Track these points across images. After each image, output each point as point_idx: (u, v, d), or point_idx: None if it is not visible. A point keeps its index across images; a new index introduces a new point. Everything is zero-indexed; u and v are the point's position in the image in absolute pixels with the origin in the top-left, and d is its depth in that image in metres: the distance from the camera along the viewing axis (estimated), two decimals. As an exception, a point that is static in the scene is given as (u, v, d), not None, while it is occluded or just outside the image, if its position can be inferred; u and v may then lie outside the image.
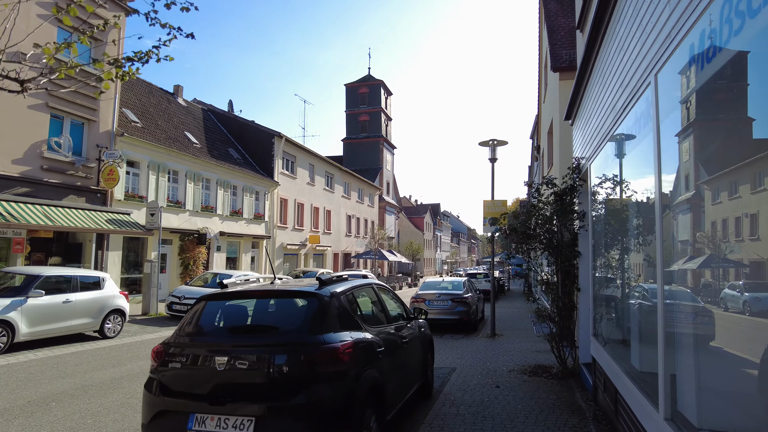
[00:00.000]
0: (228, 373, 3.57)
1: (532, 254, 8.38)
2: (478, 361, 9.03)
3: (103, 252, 16.48)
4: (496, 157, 12.99)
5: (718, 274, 2.55)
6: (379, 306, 5.12)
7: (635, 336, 4.16)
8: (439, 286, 14.53)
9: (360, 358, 3.93)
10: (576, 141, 7.98)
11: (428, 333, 6.65)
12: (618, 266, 5.09)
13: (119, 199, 17.28)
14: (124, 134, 17.21)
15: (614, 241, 5.29)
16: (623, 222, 4.80)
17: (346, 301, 4.28)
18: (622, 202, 4.90)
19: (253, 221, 25.79)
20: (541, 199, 8.13)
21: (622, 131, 4.51)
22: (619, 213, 5.08)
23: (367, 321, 4.62)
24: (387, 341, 4.73)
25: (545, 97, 17.27)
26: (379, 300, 5.13)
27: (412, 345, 5.69)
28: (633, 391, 3.82)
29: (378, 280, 26.94)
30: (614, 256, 5.22)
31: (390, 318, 5.20)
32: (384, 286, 5.64)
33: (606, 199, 5.73)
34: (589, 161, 6.32)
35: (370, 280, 5.32)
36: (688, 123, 2.91)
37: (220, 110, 30.42)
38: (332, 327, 3.87)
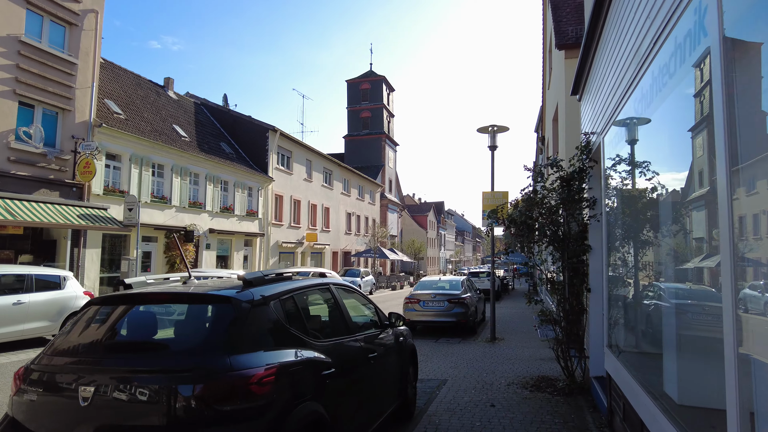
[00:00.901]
0: (92, 410, 2.52)
1: (536, 249, 7.27)
2: (474, 372, 7.93)
3: (79, 249, 15.52)
4: (496, 145, 11.89)
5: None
6: (338, 312, 4.04)
7: (672, 355, 3.05)
8: (436, 285, 13.44)
9: (290, 388, 2.87)
10: (585, 116, 6.87)
11: (410, 342, 5.57)
12: (643, 263, 3.98)
13: (97, 193, 16.30)
14: (102, 125, 16.24)
15: (638, 232, 4.18)
16: (651, 206, 3.70)
17: (281, 308, 3.21)
18: (649, 179, 3.80)
19: (246, 218, 24.79)
20: (545, 185, 7.02)
21: (646, 84, 3.40)
22: (643, 196, 3.98)
23: (317, 333, 3.55)
24: (344, 358, 3.66)
25: (549, 83, 16.14)
26: (338, 305, 4.05)
27: (384, 359, 4.62)
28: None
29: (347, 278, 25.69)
30: (638, 251, 4.11)
31: (353, 327, 4.12)
32: (349, 287, 4.56)
33: (625, 179, 4.62)
34: (602, 134, 5.21)
35: (328, 279, 4.23)
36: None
37: (213, 104, 29.45)
38: (251, 344, 2.81)
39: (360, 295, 4.82)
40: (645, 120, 3.70)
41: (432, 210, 75.57)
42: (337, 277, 4.83)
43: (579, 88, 7.18)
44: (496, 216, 8.48)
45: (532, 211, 6.86)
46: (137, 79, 23.24)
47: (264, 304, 3.06)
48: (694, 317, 2.81)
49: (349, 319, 4.08)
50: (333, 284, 4.13)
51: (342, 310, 4.04)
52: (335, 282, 4.19)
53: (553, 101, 14.13)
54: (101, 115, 17.29)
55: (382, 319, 4.94)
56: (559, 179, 6.78)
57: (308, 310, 3.76)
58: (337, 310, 4.03)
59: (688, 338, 2.85)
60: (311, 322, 3.66)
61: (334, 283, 4.17)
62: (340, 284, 4.31)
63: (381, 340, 4.66)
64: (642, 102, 3.52)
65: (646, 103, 3.42)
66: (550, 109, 15.84)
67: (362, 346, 4.13)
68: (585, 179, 6.47)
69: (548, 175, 7.05)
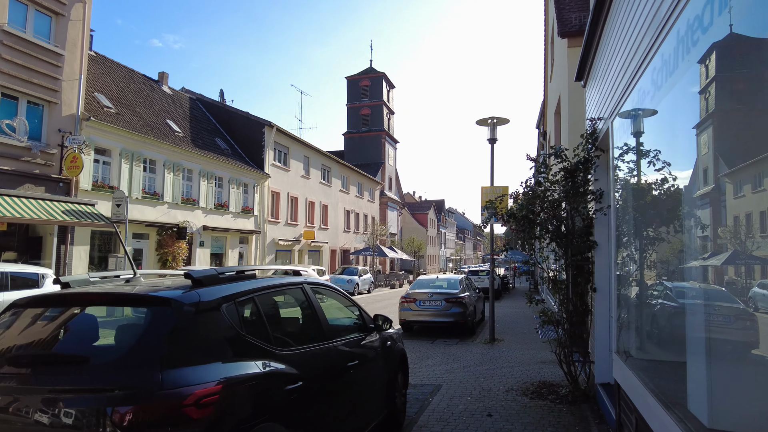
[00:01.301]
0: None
1: (537, 246, 6.78)
2: (471, 376, 7.45)
3: (66, 247, 15.06)
4: (495, 138, 11.39)
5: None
6: (312, 316, 3.56)
7: (699, 366, 2.57)
8: (433, 284, 12.95)
9: (241, 408, 2.40)
10: (590, 102, 6.37)
11: (399, 347, 5.09)
12: (661, 260, 3.49)
13: (86, 189, 15.83)
14: (90, 118, 15.75)
15: (654, 225, 3.69)
16: (672, 196, 3.21)
17: (236, 312, 2.73)
18: (669, 165, 3.31)
19: (241, 215, 24.31)
20: (547, 177, 6.53)
21: (668, 48, 2.91)
22: (661, 185, 3.49)
23: (283, 340, 3.08)
24: (316, 368, 3.19)
25: (551, 75, 15.64)
26: (312, 307, 3.56)
27: (368, 366, 4.14)
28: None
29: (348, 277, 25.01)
30: (654, 246, 3.62)
31: (330, 332, 3.64)
32: (328, 287, 4.08)
33: (638, 167, 4.13)
34: (611, 117, 4.71)
35: (302, 278, 3.74)
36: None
37: (209, 99, 28.97)
38: (194, 356, 2.34)
39: (341, 296, 4.33)
40: (665, 93, 3.21)
41: (432, 208, 75.06)
42: (315, 276, 4.35)
43: (584, 73, 6.69)
44: (495, 209, 7.96)
45: (533, 204, 6.37)
46: (130, 74, 22.76)
47: (214, 308, 2.58)
48: (728, 320, 2.33)
49: (325, 323, 3.60)
50: (307, 284, 3.64)
51: (317, 312, 3.55)
52: (310, 281, 3.70)
53: (555, 93, 13.64)
54: (90, 108, 16.81)
55: (366, 321, 4.45)
56: (562, 170, 6.30)
57: (274, 314, 3.29)
58: (311, 313, 3.55)
59: (722, 346, 2.37)
60: (276, 327, 3.18)
61: (309, 282, 3.68)
62: (317, 283, 3.83)
63: (364, 345, 4.19)
64: (662, 72, 3.03)
65: (667, 72, 2.93)
66: (552, 102, 15.35)
67: (340, 353, 3.65)
68: (591, 170, 5.98)
69: (551, 165, 6.56)
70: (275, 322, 3.26)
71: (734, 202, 2.15)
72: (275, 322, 3.26)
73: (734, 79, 2.25)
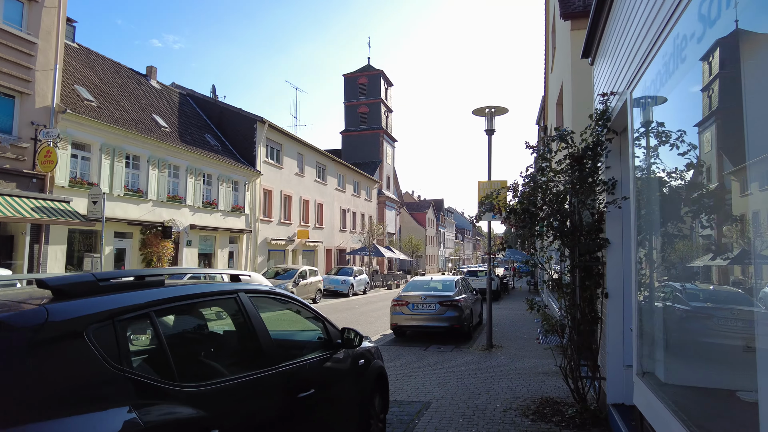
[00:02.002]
0: None
1: (539, 244, 5.97)
2: (464, 391, 6.64)
3: (40, 246, 14.24)
4: (493, 129, 10.58)
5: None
6: (248, 334, 2.74)
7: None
8: (427, 286, 12.15)
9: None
10: (600, 79, 5.56)
11: (376, 365, 4.27)
12: (706, 261, 2.68)
13: (62, 185, 15.00)
14: (66, 111, 14.92)
15: (692, 218, 2.89)
16: (719, 185, 2.40)
17: (113, 336, 1.92)
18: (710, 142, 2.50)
19: (231, 213, 23.49)
20: (550, 165, 5.72)
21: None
22: (701, 167, 2.69)
23: (195, 372, 2.28)
24: (246, 407, 2.38)
25: (553, 65, 14.85)
26: (248, 323, 2.73)
27: (330, 395, 3.34)
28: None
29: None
30: (694, 244, 2.82)
31: (275, 354, 2.82)
32: (276, 294, 3.25)
33: (668, 146, 3.32)
34: (628, 89, 3.89)
35: (238, 285, 2.89)
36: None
37: (200, 95, 28.14)
38: (30, 406, 1.55)
39: (298, 306, 3.50)
40: (704, 48, 2.40)
41: (431, 207, 74.25)
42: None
43: (592, 47, 5.88)
44: (492, 204, 7.12)
45: (535, 196, 5.55)
46: (116, 67, 21.95)
47: (72, 332, 1.78)
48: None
49: (267, 343, 2.78)
50: (245, 292, 2.81)
51: (255, 330, 2.73)
52: (249, 288, 2.88)
53: (557, 82, 12.85)
54: (68, 101, 15.99)
55: (332, 337, 3.64)
56: (568, 157, 5.49)
57: (184, 336, 2.49)
58: (247, 332, 2.73)
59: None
60: (186, 354, 2.38)
61: (248, 290, 2.85)
62: (260, 291, 3.00)
63: (326, 367, 3.38)
64: (701, 23, 2.21)
65: (706, 23, 2.11)
66: (553, 93, 14.56)
67: (289, 382, 2.84)
68: (601, 156, 5.18)
69: (554, 153, 5.76)
70: (185, 346, 2.46)
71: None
72: (185, 346, 2.46)
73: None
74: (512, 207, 5.99)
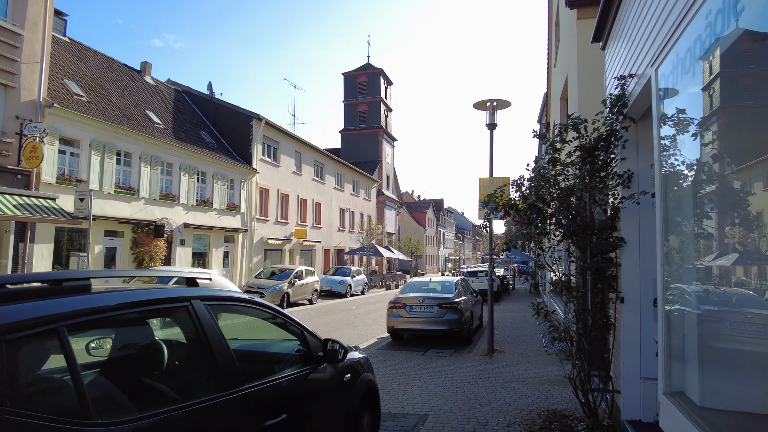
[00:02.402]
0: None
1: (545, 243, 5.49)
2: (464, 402, 6.16)
3: (26, 244, 13.75)
4: (495, 123, 10.11)
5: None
6: (201, 351, 2.24)
7: None
8: (425, 287, 11.67)
9: None
10: (614, 63, 5.07)
11: (365, 379, 3.78)
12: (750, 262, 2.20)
13: (49, 182, 14.51)
14: (53, 105, 14.44)
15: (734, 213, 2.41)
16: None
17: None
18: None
19: (227, 212, 23.00)
20: (559, 156, 5.24)
21: None
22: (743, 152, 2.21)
23: (123, 401, 1.80)
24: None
25: (556, 60, 14.38)
26: (202, 337, 2.24)
27: (307, 417, 2.86)
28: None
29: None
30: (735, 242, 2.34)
31: (236, 373, 2.34)
32: (244, 301, 2.76)
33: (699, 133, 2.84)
34: (653, 65, 3.40)
35: (192, 290, 2.38)
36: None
37: (196, 92, 27.65)
38: None
39: (273, 315, 3.00)
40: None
41: (431, 207, 73.79)
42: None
43: (604, 30, 5.40)
44: (495, 202, 6.61)
45: (545, 189, 5.07)
46: (109, 62, 21.47)
47: None
48: None
49: (227, 361, 2.30)
50: (200, 298, 2.32)
51: (211, 344, 2.24)
52: (207, 295, 2.39)
53: (561, 76, 12.36)
54: (57, 95, 15.51)
55: (313, 350, 3.15)
56: (578, 149, 5.01)
57: (108, 356, 2.00)
58: (199, 347, 2.24)
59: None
60: (110, 381, 1.90)
61: (205, 296, 2.37)
62: (219, 298, 2.51)
63: (304, 385, 2.90)
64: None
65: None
66: (556, 89, 14.08)
67: (253, 407, 2.36)
68: (616, 146, 4.70)
69: (565, 143, 5.27)
70: (113, 370, 1.98)
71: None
72: (113, 370, 1.98)
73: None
74: (516, 203, 5.51)
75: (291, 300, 18.89)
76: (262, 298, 17.96)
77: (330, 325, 14.17)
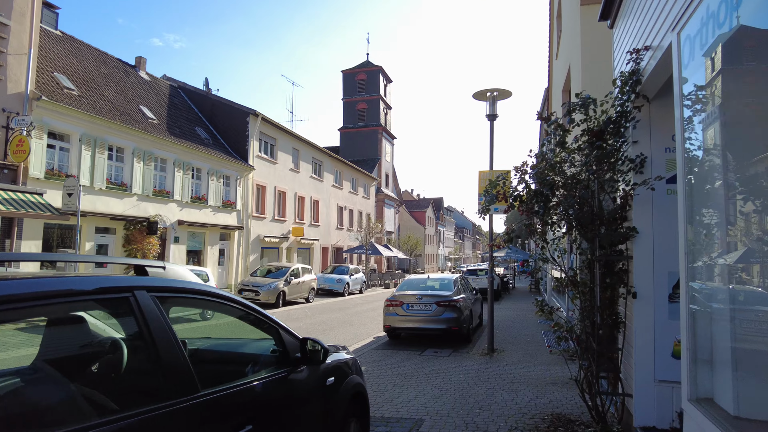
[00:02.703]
0: None
1: (549, 235, 5.11)
2: (463, 405, 5.79)
3: (12, 241, 13.37)
4: (496, 113, 9.73)
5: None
6: (148, 352, 1.86)
7: None
8: (423, 285, 11.29)
9: None
10: (624, 40, 4.69)
11: (351, 382, 3.40)
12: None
13: (37, 177, 14.13)
14: (41, 98, 14.05)
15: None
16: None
17: None
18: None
19: (222, 209, 22.61)
20: (566, 136, 4.86)
21: None
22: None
23: (39, 416, 1.42)
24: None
25: (558, 51, 14.01)
26: (148, 335, 1.84)
27: (281, 425, 2.48)
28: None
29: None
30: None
31: (191, 379, 1.96)
32: (202, 294, 2.36)
33: (737, 94, 2.46)
34: (673, 30, 3.01)
35: (137, 280, 1.96)
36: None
37: (192, 87, 27.25)
38: None
39: (241, 310, 2.60)
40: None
41: (431, 206, 73.44)
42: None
43: (613, 5, 5.02)
44: (495, 195, 6.20)
45: (552, 174, 4.69)
46: (103, 57, 21.08)
47: None
48: None
49: (178, 364, 1.92)
50: (146, 289, 1.94)
51: (157, 344, 1.86)
52: (155, 285, 2.00)
53: (564, 67, 11.99)
54: (47, 89, 15.13)
55: (290, 350, 2.76)
56: (586, 133, 4.64)
57: (20, 362, 1.63)
58: (143, 348, 1.87)
59: None
60: (14, 395, 1.52)
61: (152, 286, 1.99)
62: (171, 289, 2.13)
63: (277, 391, 2.53)
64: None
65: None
66: (558, 80, 13.70)
67: (211, 417, 1.99)
68: (628, 129, 4.32)
69: (571, 125, 4.90)
70: (27, 377, 1.60)
71: None
72: (27, 377, 1.60)
73: None
74: (520, 194, 5.13)
75: (287, 298, 18.52)
76: (257, 296, 17.64)
77: (325, 324, 13.80)
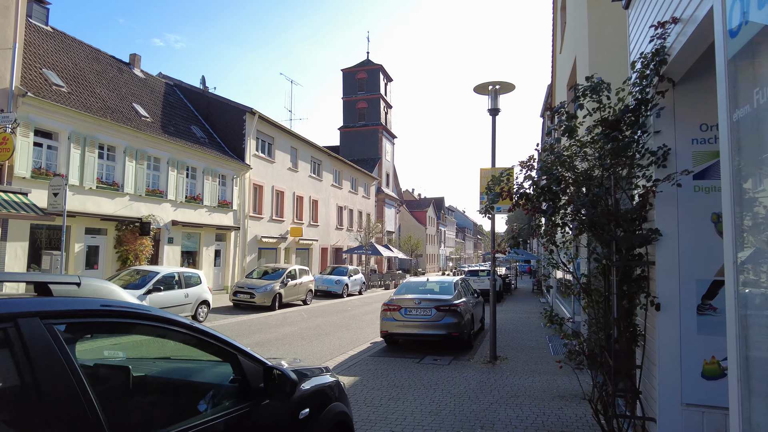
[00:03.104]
0: None
1: (558, 236, 4.61)
2: (464, 422, 5.29)
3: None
4: (498, 108, 9.23)
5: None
6: (28, 399, 1.37)
7: None
8: (422, 288, 10.80)
9: None
10: (641, 20, 4.18)
11: (333, 412, 2.91)
12: None
13: (23, 176, 13.66)
14: (27, 94, 13.58)
15: None
16: None
17: None
18: None
19: (218, 209, 22.14)
20: (575, 133, 4.36)
21: None
22: None
23: None
24: None
25: (562, 45, 13.49)
26: (27, 377, 1.35)
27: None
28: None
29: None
30: None
31: (99, 428, 1.48)
32: (122, 316, 1.85)
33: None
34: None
35: (24, 303, 1.49)
36: None
37: (188, 85, 26.78)
38: None
39: (185, 333, 2.08)
40: None
41: (432, 206, 72.92)
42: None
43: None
44: (499, 193, 5.68)
45: (562, 167, 4.19)
46: (95, 54, 20.62)
47: None
48: None
49: (75, 412, 1.43)
50: (42, 315, 1.42)
51: (41, 390, 1.35)
52: (58, 310, 1.48)
53: (569, 60, 11.48)
54: (34, 85, 14.67)
55: (251, 379, 2.27)
56: (600, 123, 4.14)
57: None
58: (19, 396, 1.38)
59: None
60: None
61: (52, 311, 1.46)
62: (82, 313, 1.62)
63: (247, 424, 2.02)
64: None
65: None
66: (563, 75, 13.19)
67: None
68: (647, 116, 3.82)
69: (576, 115, 4.40)
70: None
71: None
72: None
73: None
74: (525, 191, 4.63)
75: (284, 301, 18.03)
76: (252, 298, 17.14)
77: (321, 329, 13.31)
